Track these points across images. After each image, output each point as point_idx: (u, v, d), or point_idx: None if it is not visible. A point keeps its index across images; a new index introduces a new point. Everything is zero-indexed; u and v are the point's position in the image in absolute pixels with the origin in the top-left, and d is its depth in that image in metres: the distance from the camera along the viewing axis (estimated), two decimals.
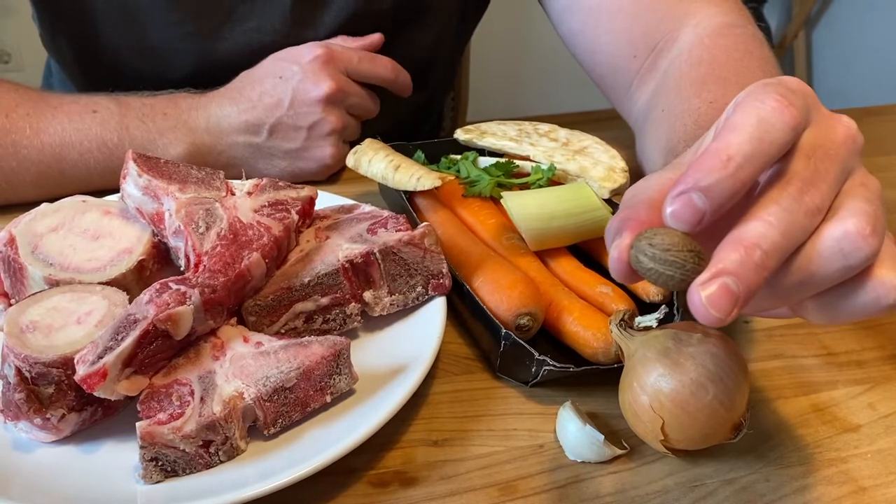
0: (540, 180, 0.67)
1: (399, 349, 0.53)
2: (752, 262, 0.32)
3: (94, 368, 0.44)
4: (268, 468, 0.45)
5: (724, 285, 0.32)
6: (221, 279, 0.49)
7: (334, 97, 0.72)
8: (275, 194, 0.58)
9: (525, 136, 0.72)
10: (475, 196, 0.66)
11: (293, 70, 0.72)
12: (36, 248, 0.53)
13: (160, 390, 0.46)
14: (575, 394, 0.53)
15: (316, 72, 0.72)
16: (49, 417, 0.46)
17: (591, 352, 0.53)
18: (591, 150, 0.70)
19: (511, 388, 0.54)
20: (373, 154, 0.68)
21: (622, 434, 0.50)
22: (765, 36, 0.72)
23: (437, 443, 0.50)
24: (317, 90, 0.72)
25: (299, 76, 0.72)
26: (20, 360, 0.45)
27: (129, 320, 0.46)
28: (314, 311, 0.53)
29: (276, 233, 0.54)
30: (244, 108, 0.72)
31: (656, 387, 0.45)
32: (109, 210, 0.56)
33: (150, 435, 0.43)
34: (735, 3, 0.75)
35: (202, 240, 0.52)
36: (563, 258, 0.61)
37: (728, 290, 0.32)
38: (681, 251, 0.33)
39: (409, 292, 0.56)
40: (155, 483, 0.44)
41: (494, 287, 0.55)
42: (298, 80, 0.72)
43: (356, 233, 0.57)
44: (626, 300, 0.57)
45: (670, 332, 0.47)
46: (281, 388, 0.46)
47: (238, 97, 0.72)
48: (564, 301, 0.56)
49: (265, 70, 0.74)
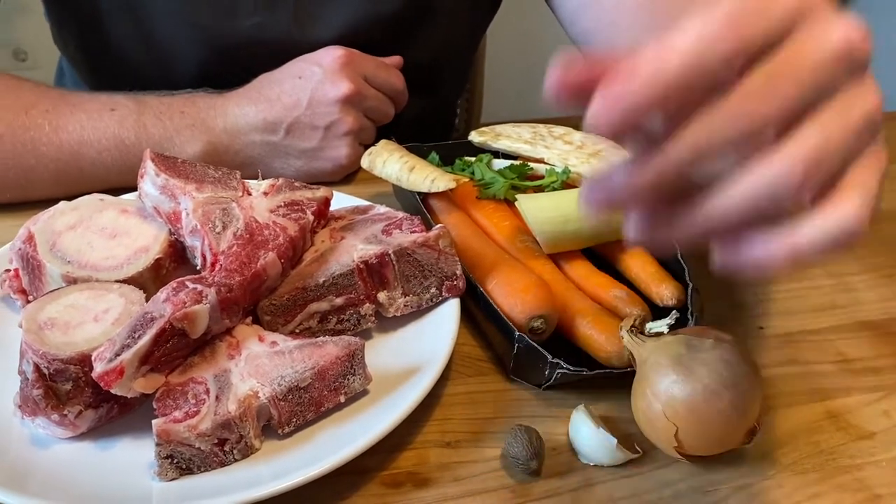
0: (554, 183, 0.67)
1: (412, 350, 0.53)
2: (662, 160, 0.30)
3: (112, 366, 0.44)
4: (282, 467, 0.45)
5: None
6: (237, 278, 0.50)
7: (352, 98, 0.73)
8: (291, 195, 0.58)
9: (540, 138, 0.72)
10: (489, 198, 0.67)
11: (313, 71, 0.73)
12: (54, 246, 0.54)
13: (176, 388, 0.47)
14: (588, 397, 0.53)
15: (335, 73, 0.72)
16: (66, 414, 0.46)
17: (605, 355, 0.53)
18: (607, 154, 0.70)
19: (524, 390, 0.54)
20: (387, 155, 0.68)
21: (635, 438, 0.50)
22: None
23: (449, 444, 0.50)
24: (335, 91, 0.72)
25: (318, 77, 0.72)
26: (38, 357, 0.46)
27: (146, 318, 0.46)
28: (329, 312, 0.54)
29: (292, 233, 0.54)
30: (263, 108, 0.72)
31: (669, 394, 0.45)
32: (126, 209, 0.57)
33: (166, 433, 0.44)
34: None
35: (219, 239, 0.52)
36: (577, 261, 0.61)
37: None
38: None
39: (423, 293, 0.56)
40: (170, 480, 0.45)
41: (508, 290, 0.55)
42: (318, 80, 0.72)
43: (371, 234, 0.57)
44: (639, 304, 0.57)
45: (682, 338, 0.47)
46: (296, 388, 0.47)
47: (257, 97, 0.73)
48: (578, 304, 0.56)
49: (285, 72, 0.74)
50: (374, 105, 0.76)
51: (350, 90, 0.72)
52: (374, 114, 0.77)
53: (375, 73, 0.76)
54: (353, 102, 0.73)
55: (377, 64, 0.77)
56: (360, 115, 0.75)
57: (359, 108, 0.74)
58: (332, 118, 0.73)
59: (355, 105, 0.74)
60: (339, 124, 0.73)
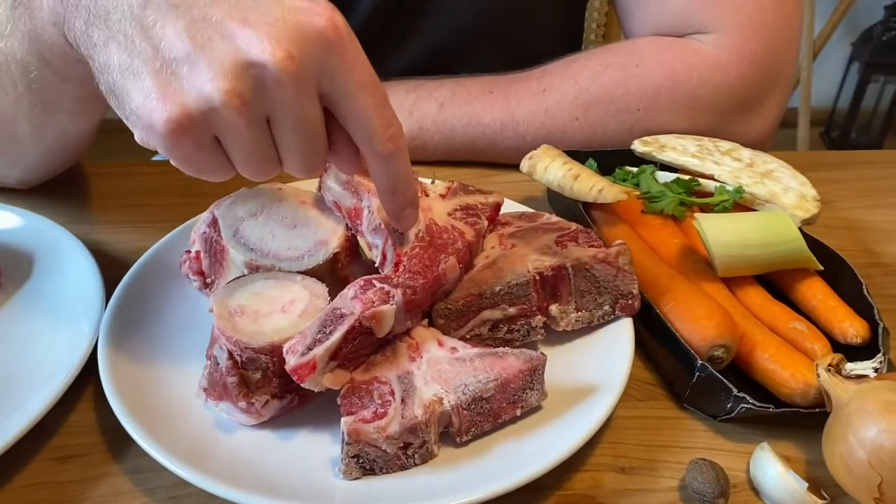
0: (725, 202, 0.64)
1: (583, 369, 0.52)
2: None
3: (305, 360, 0.45)
4: (461, 478, 0.45)
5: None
6: (421, 281, 0.49)
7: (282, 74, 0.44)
8: (465, 198, 0.57)
9: (707, 153, 0.70)
10: (655, 213, 0.65)
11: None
12: (237, 232, 0.55)
13: (361, 386, 0.47)
14: (764, 433, 0.51)
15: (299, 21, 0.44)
16: (254, 402, 0.47)
17: (788, 392, 0.51)
18: (779, 175, 0.67)
19: (697, 419, 0.52)
20: (549, 161, 0.67)
21: (820, 482, 0.47)
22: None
23: (624, 470, 0.48)
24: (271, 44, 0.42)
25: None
26: (231, 344, 0.46)
27: (336, 314, 0.47)
28: (500, 320, 0.53)
29: (469, 238, 0.54)
30: None
31: (877, 442, 0.42)
32: (305, 200, 0.57)
33: (357, 432, 0.44)
34: (741, 37, 0.74)
35: (402, 240, 0.52)
36: (751, 288, 0.59)
37: None
38: None
39: (595, 310, 0.54)
40: (353, 479, 0.45)
41: (687, 314, 0.53)
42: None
43: (544, 244, 0.56)
44: (821, 339, 0.54)
45: (891, 385, 0.44)
46: (479, 398, 0.46)
47: None
48: (758, 335, 0.53)
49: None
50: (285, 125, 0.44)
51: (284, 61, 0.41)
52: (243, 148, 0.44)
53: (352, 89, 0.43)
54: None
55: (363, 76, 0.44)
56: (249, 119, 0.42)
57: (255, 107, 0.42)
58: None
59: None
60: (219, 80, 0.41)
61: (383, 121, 0.44)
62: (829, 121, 2.64)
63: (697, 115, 0.75)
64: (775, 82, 0.76)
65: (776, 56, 0.75)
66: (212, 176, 0.45)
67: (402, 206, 0.49)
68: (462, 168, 0.78)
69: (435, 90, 0.78)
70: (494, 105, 0.77)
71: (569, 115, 0.76)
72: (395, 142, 0.45)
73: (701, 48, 0.75)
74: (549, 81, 0.77)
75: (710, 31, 0.75)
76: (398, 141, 0.45)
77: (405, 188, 0.48)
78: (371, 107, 0.43)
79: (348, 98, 0.43)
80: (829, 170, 0.80)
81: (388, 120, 0.44)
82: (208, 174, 0.45)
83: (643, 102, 0.75)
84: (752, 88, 0.75)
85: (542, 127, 0.76)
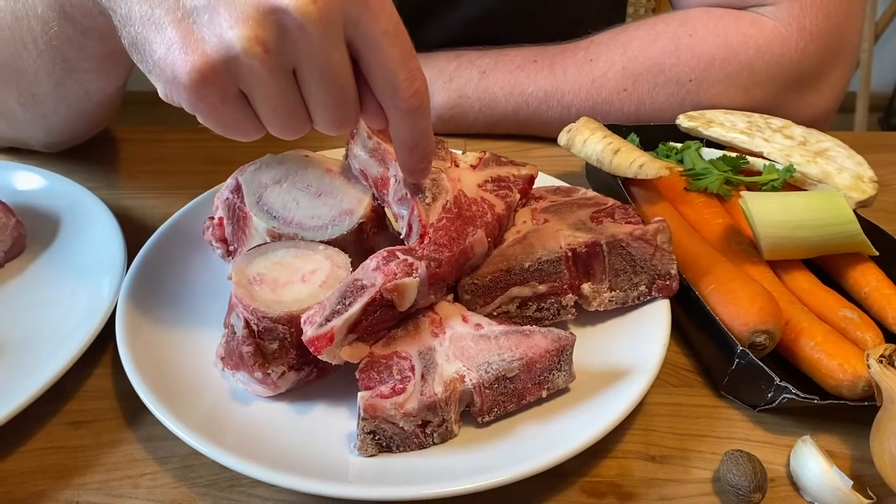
0: (774, 181, 0.60)
1: (615, 351, 0.50)
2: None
3: (322, 331, 0.43)
4: (481, 461, 0.43)
5: None
6: (446, 254, 0.47)
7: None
8: (497, 170, 0.55)
9: (757, 129, 0.66)
10: (699, 191, 0.61)
11: None
12: (260, 199, 0.53)
13: (380, 361, 0.45)
14: (807, 426, 0.48)
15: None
16: (270, 373, 0.46)
17: (835, 383, 0.47)
18: (833, 154, 0.63)
19: (735, 408, 0.49)
20: (589, 134, 0.64)
21: (865, 480, 0.44)
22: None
23: (654, 458, 0.46)
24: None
25: None
26: (249, 313, 0.45)
27: (356, 286, 0.45)
28: (529, 298, 0.51)
29: (499, 211, 0.52)
30: None
31: None
32: (331, 168, 0.56)
33: (373, 408, 0.42)
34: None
35: (428, 210, 0.50)
36: (799, 272, 0.55)
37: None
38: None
39: (630, 290, 0.52)
40: (369, 456, 0.43)
41: (729, 297, 0.50)
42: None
43: (578, 219, 0.53)
44: (873, 328, 0.51)
45: None
46: (503, 377, 0.44)
47: None
48: (804, 322, 0.50)
49: None
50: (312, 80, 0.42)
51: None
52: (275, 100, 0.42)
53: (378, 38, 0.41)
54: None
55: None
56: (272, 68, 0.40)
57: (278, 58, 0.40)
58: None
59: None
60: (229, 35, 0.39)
61: (408, 73, 0.42)
62: (888, 106, 2.53)
63: (753, 89, 0.71)
64: (837, 57, 0.72)
65: (838, 29, 0.71)
66: (239, 134, 0.44)
67: (418, 161, 0.47)
68: (499, 141, 0.76)
69: (477, 59, 0.75)
70: (539, 74, 0.74)
71: (616, 85, 0.72)
72: (420, 97, 0.42)
73: (759, 19, 0.71)
74: (596, 51, 0.73)
75: (769, 2, 0.71)
76: (422, 97, 0.43)
77: (425, 144, 0.46)
78: (396, 58, 0.41)
79: (373, 47, 0.41)
80: (889, 151, 0.75)
81: (413, 73, 0.42)
82: (235, 132, 0.44)
83: (695, 73, 0.70)
84: (812, 62, 0.70)
85: (588, 98, 0.73)
